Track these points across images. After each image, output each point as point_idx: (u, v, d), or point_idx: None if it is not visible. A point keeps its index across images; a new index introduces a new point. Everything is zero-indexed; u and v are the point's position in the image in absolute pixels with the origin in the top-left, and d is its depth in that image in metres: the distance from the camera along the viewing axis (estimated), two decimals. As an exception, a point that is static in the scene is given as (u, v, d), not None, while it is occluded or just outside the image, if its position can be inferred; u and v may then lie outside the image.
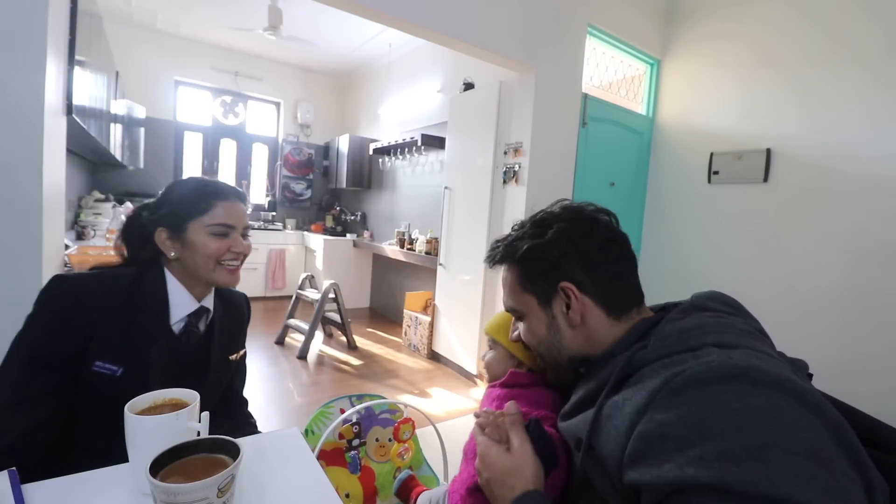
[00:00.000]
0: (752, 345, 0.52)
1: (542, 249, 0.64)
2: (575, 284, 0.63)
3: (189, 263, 0.85)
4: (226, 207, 0.87)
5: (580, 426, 0.58)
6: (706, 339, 0.53)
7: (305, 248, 4.97)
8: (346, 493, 0.96)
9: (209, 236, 0.84)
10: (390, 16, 1.93)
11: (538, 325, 0.67)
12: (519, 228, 0.71)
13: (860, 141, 2.19)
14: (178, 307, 0.85)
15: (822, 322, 2.29)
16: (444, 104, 3.60)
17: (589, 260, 0.63)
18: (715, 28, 2.82)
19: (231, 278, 0.88)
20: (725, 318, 0.58)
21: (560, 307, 0.64)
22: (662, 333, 0.56)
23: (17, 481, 0.56)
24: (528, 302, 0.67)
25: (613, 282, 0.64)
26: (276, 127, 5.32)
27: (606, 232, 0.65)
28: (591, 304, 0.63)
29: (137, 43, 4.26)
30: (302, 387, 2.68)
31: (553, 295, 0.64)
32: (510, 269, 0.69)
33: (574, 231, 0.64)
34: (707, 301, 0.62)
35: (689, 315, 0.59)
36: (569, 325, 0.64)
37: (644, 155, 3.16)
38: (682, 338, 0.54)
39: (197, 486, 0.46)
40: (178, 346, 0.84)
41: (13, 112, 1.18)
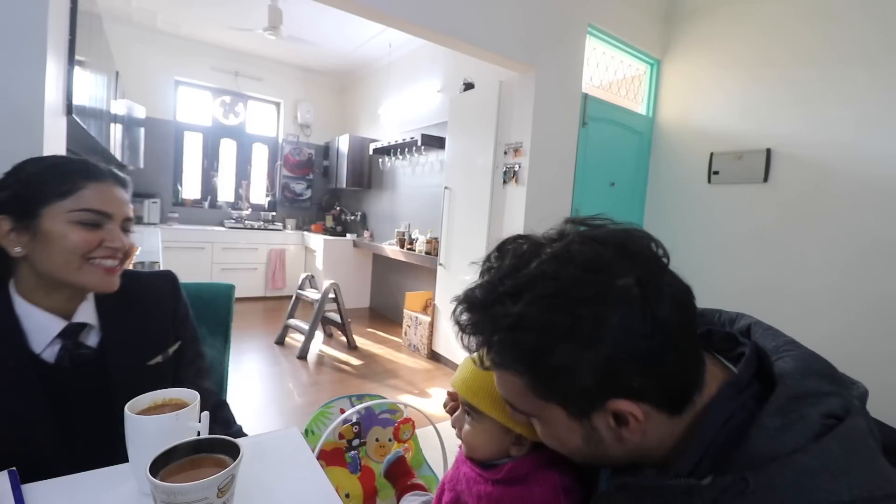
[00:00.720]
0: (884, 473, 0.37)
1: (574, 363, 0.40)
2: (634, 399, 0.42)
3: (42, 263, 0.65)
4: (98, 191, 0.68)
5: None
6: (841, 493, 0.36)
7: (305, 248, 4.97)
8: (346, 493, 0.96)
9: (71, 225, 0.65)
10: (390, 16, 1.93)
11: (568, 436, 0.47)
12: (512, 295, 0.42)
13: (860, 141, 2.19)
14: (37, 333, 0.67)
15: (822, 322, 2.29)
16: (444, 104, 3.60)
17: (653, 360, 0.41)
18: (715, 28, 2.82)
19: (106, 280, 0.69)
20: (840, 420, 0.40)
21: (606, 421, 0.44)
22: (767, 470, 0.37)
23: (17, 481, 0.56)
24: (551, 410, 0.45)
25: (684, 370, 0.44)
26: (276, 127, 5.32)
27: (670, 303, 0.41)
28: (654, 411, 0.43)
29: (137, 43, 4.26)
30: (302, 387, 2.68)
31: (595, 410, 0.43)
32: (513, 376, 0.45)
33: (626, 322, 0.40)
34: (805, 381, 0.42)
35: (793, 421, 0.39)
36: (618, 441, 0.45)
37: (644, 155, 3.16)
38: (803, 485, 0.36)
39: (197, 486, 0.46)
40: (60, 375, 0.67)
41: (13, 112, 1.18)
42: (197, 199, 4.88)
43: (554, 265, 0.42)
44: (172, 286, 0.85)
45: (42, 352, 0.67)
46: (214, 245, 4.42)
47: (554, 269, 0.42)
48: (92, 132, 2.07)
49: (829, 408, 0.40)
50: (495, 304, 0.43)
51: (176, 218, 4.50)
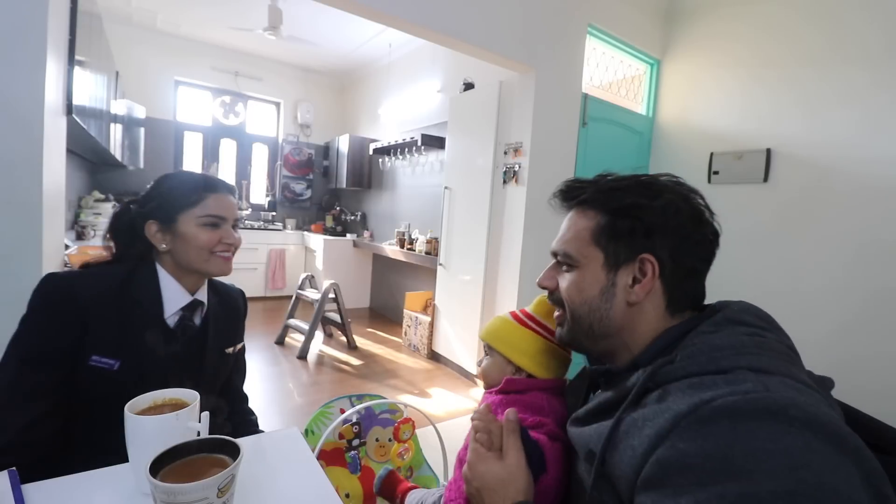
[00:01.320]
0: (789, 371, 0.48)
1: (645, 210, 0.57)
2: (658, 262, 0.57)
3: (181, 255, 0.85)
4: (217, 199, 0.87)
5: (593, 438, 0.55)
6: (740, 360, 0.48)
7: (305, 248, 4.97)
8: (346, 493, 0.96)
9: (200, 227, 0.85)
10: (390, 16, 1.93)
11: (591, 284, 0.60)
12: (614, 179, 0.63)
13: (860, 141, 2.19)
14: (171, 301, 0.85)
15: (822, 322, 2.29)
16: (444, 104, 3.60)
17: (683, 247, 0.58)
18: (715, 28, 2.82)
19: (225, 266, 0.90)
20: (761, 337, 0.53)
21: (627, 278, 0.58)
22: (692, 348, 0.52)
23: (17, 481, 0.56)
24: (593, 257, 0.60)
25: (689, 278, 0.59)
26: (276, 127, 5.32)
27: (711, 228, 0.60)
28: (660, 290, 0.58)
29: (137, 43, 4.26)
30: (302, 387, 2.68)
31: (627, 262, 0.58)
32: (590, 216, 0.61)
33: (685, 210, 0.58)
34: (741, 314, 0.56)
35: (722, 329, 0.53)
36: (626, 299, 0.59)
37: (644, 155, 3.16)
38: (713, 356, 0.50)
39: (197, 486, 0.46)
40: (174, 339, 0.85)
41: (13, 112, 1.18)
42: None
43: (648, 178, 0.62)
44: (244, 298, 1.06)
45: (168, 317, 0.85)
46: (214, 245, 4.41)
47: (648, 180, 0.62)
48: (92, 132, 2.07)
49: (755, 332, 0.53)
50: (598, 181, 0.63)
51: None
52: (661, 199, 0.58)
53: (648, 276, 0.57)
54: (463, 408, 2.54)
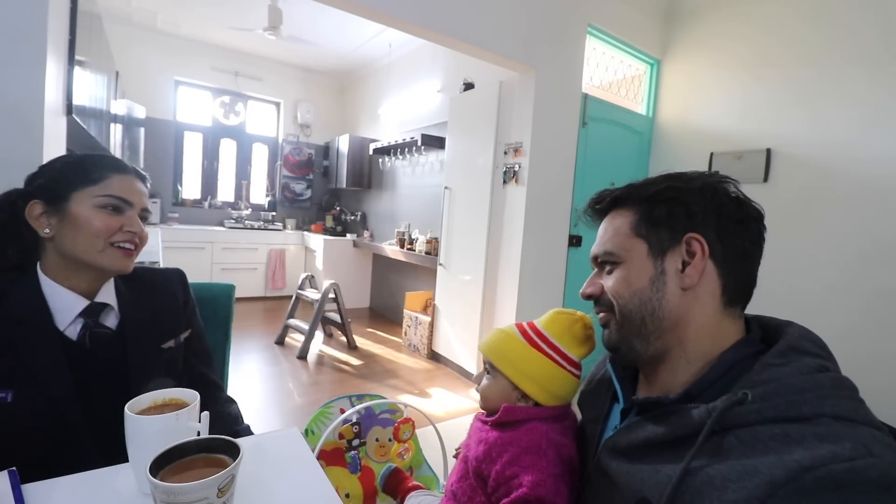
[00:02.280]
0: (868, 417, 0.44)
1: (681, 192, 0.55)
2: (706, 239, 0.53)
3: (68, 244, 0.71)
4: (123, 181, 0.75)
5: (648, 484, 0.49)
6: (824, 406, 0.43)
7: (305, 248, 4.97)
8: (346, 493, 0.96)
9: (97, 209, 0.72)
10: (390, 16, 1.93)
11: (639, 275, 0.56)
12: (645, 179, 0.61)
13: (860, 141, 2.19)
14: (62, 311, 0.72)
15: (822, 322, 2.28)
16: (444, 104, 3.60)
17: (728, 226, 0.54)
18: (715, 28, 2.82)
19: (124, 262, 0.75)
20: (830, 371, 0.48)
21: (675, 262, 0.54)
22: (765, 388, 0.45)
23: (17, 481, 0.56)
24: (636, 248, 0.57)
25: (742, 261, 0.54)
26: (276, 127, 5.32)
27: (753, 209, 0.56)
28: (714, 272, 0.54)
29: (137, 43, 4.26)
30: (302, 387, 2.68)
31: (673, 246, 0.55)
32: (624, 214, 0.59)
33: (722, 191, 0.55)
34: (802, 342, 0.51)
35: (790, 361, 0.48)
36: (679, 285, 0.54)
37: (644, 155, 3.16)
38: (792, 400, 0.44)
39: (197, 486, 0.46)
40: (80, 352, 0.73)
41: (13, 112, 1.18)
42: (197, 199, 4.88)
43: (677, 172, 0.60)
44: (181, 280, 0.92)
45: (65, 329, 0.73)
46: (214, 245, 4.42)
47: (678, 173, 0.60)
48: (92, 132, 2.07)
49: (822, 364, 0.48)
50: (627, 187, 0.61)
51: (176, 218, 4.51)
52: (697, 182, 0.56)
53: (698, 256, 0.53)
54: (463, 408, 2.54)
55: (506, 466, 0.63)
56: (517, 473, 0.62)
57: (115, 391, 0.69)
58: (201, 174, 4.94)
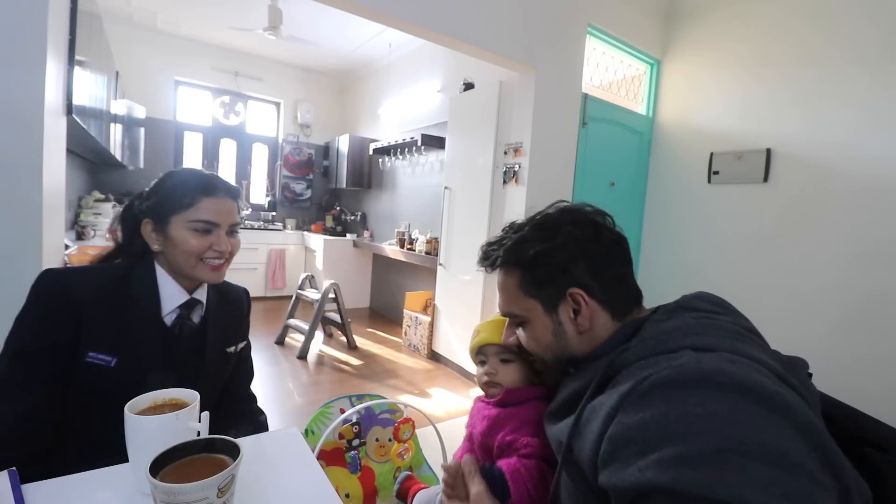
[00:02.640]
0: (733, 346, 0.51)
1: (550, 254, 0.63)
2: (584, 290, 0.62)
3: (171, 258, 0.84)
4: (212, 203, 0.84)
5: (562, 431, 0.59)
6: (685, 341, 0.52)
7: (305, 248, 4.97)
8: (346, 493, 0.96)
9: (190, 232, 0.82)
10: (390, 16, 1.93)
11: (543, 332, 0.66)
12: (515, 231, 0.69)
13: (860, 141, 2.19)
14: (168, 299, 0.84)
15: (822, 322, 2.29)
16: (444, 104, 3.60)
17: (597, 264, 0.63)
18: (715, 28, 2.82)
19: (213, 275, 0.86)
20: (711, 319, 0.57)
21: (567, 312, 0.63)
22: (644, 335, 0.57)
23: (17, 481, 0.56)
24: (532, 308, 0.65)
25: (619, 285, 0.64)
26: (276, 127, 5.32)
27: (611, 234, 0.65)
28: (599, 308, 0.63)
29: (137, 43, 4.25)
30: (302, 387, 2.68)
31: (560, 300, 0.63)
32: (511, 274, 0.67)
33: (581, 235, 0.63)
34: (694, 301, 0.61)
35: (674, 316, 0.58)
36: (576, 330, 0.64)
37: (644, 155, 3.16)
38: (661, 339, 0.54)
39: (197, 486, 0.46)
40: (172, 337, 0.84)
41: (13, 112, 1.18)
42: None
43: (541, 217, 0.69)
44: (248, 298, 1.05)
45: (165, 315, 0.84)
46: (214, 245, 4.42)
47: (541, 219, 0.68)
48: (92, 132, 2.07)
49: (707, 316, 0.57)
50: (503, 239, 0.69)
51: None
52: (559, 236, 0.63)
53: (583, 306, 0.62)
54: (463, 408, 2.54)
55: (507, 434, 0.71)
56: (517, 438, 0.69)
57: (185, 379, 0.75)
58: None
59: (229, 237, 0.87)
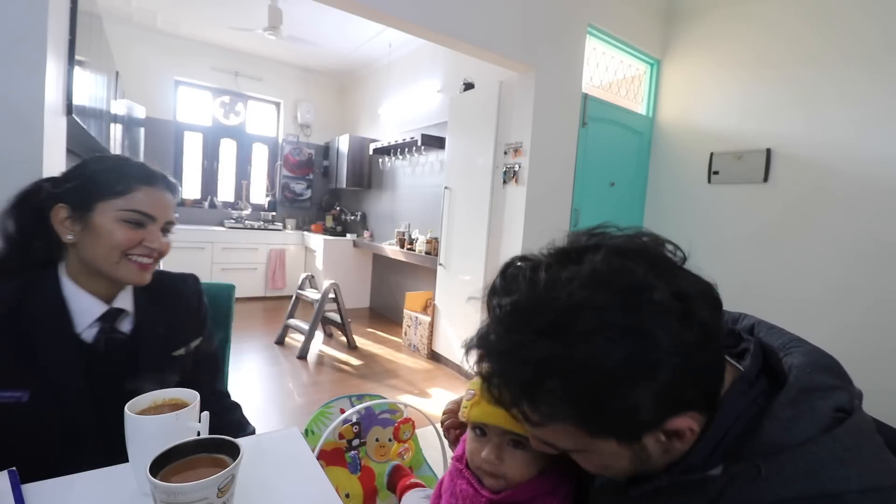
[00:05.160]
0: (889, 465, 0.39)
1: (636, 401, 0.38)
2: (687, 410, 0.41)
3: (86, 251, 0.72)
4: (149, 194, 0.74)
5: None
6: (850, 478, 0.37)
7: (305, 248, 4.97)
8: (346, 493, 0.96)
9: (118, 223, 0.71)
10: (390, 16, 1.93)
11: (616, 461, 0.45)
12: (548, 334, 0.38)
13: (860, 141, 2.19)
14: (81, 314, 0.73)
15: (822, 322, 2.29)
16: (444, 104, 3.60)
17: (700, 369, 0.41)
18: (715, 28, 2.82)
19: (138, 275, 0.75)
20: (848, 413, 0.41)
21: (657, 438, 0.42)
22: (778, 458, 0.38)
23: (17, 481, 0.56)
24: (601, 444, 0.43)
25: (718, 368, 0.44)
26: (276, 127, 5.32)
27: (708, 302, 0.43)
28: (698, 415, 0.43)
29: (137, 43, 4.25)
30: (302, 387, 2.68)
31: (649, 431, 0.42)
32: (560, 426, 0.42)
33: (676, 339, 0.38)
34: (815, 377, 0.42)
35: (801, 413, 0.40)
36: (665, 453, 0.44)
37: (644, 155, 3.16)
38: (814, 473, 0.37)
39: (197, 486, 0.46)
40: (94, 355, 0.73)
41: (13, 112, 1.18)
42: (197, 199, 4.88)
43: (586, 292, 0.38)
44: (196, 286, 0.91)
45: (82, 332, 0.73)
46: (214, 245, 4.42)
47: (589, 297, 0.38)
48: (92, 132, 2.07)
49: (838, 401, 0.41)
50: (525, 348, 0.39)
51: (176, 218, 4.48)
52: (638, 348, 0.37)
53: (688, 434, 0.42)
54: (463, 408, 2.54)
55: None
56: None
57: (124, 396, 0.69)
58: (201, 174, 4.94)
59: (163, 236, 0.77)
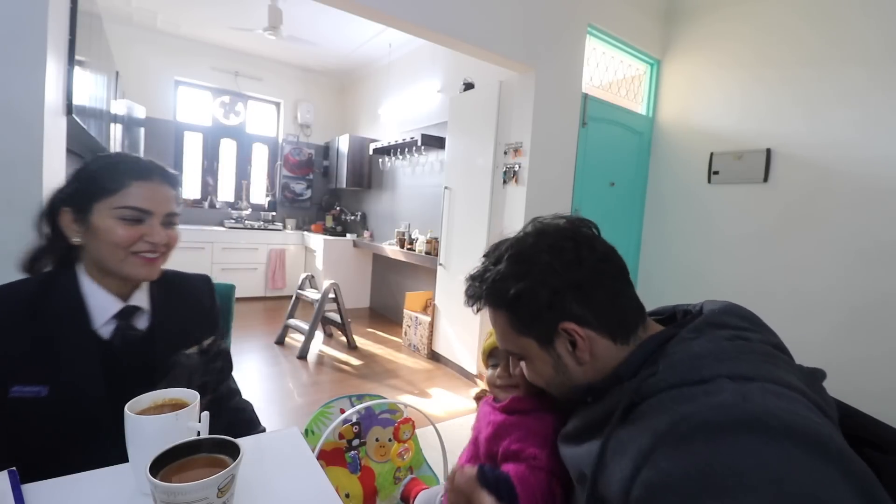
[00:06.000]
0: (771, 374, 0.47)
1: (531, 292, 0.57)
2: (576, 321, 0.57)
3: (94, 252, 0.73)
4: (144, 188, 0.74)
5: (584, 458, 0.55)
6: (720, 368, 0.47)
7: (305, 248, 4.97)
8: (346, 493, 0.96)
9: (116, 221, 0.72)
10: (390, 16, 1.93)
11: (543, 367, 0.62)
12: (493, 262, 0.63)
13: (860, 141, 2.19)
14: (98, 310, 0.74)
15: (822, 322, 2.29)
16: (444, 104, 3.60)
17: (584, 290, 0.57)
18: (715, 28, 2.82)
19: (146, 270, 0.76)
20: (743, 339, 0.52)
21: (564, 346, 0.59)
22: (672, 358, 0.51)
23: (17, 481, 0.56)
24: (528, 345, 0.61)
25: (615, 305, 0.58)
26: (276, 127, 5.32)
27: (593, 253, 0.59)
28: (597, 336, 0.58)
29: (137, 43, 4.25)
30: (302, 387, 2.68)
31: (554, 335, 0.59)
32: (499, 314, 0.62)
33: (560, 262, 0.57)
34: (722, 316, 0.55)
35: (703, 334, 0.53)
36: (577, 362, 0.59)
37: (644, 155, 3.16)
38: (693, 365, 0.49)
39: (197, 486, 0.46)
40: (112, 351, 0.75)
41: (13, 112, 1.18)
42: (197, 199, 4.88)
43: (516, 247, 0.62)
44: (208, 286, 0.94)
45: (99, 328, 0.75)
46: (214, 245, 4.42)
47: (517, 249, 0.61)
48: (92, 132, 2.07)
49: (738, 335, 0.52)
50: (484, 272, 0.63)
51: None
52: (536, 270, 0.57)
53: (578, 338, 0.57)
54: (463, 408, 2.54)
55: (513, 442, 0.69)
56: (524, 448, 0.67)
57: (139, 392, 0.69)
58: (201, 174, 4.94)
59: (165, 228, 0.78)
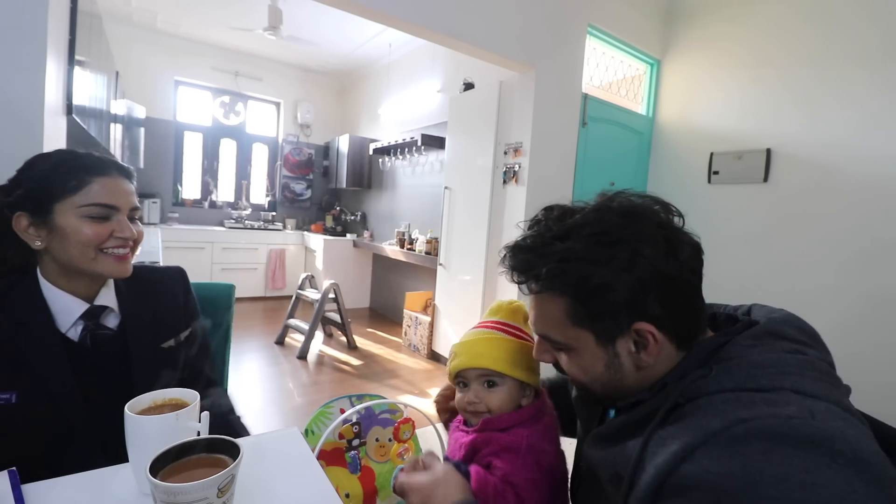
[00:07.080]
0: (833, 396, 0.43)
1: (612, 284, 0.49)
2: (654, 324, 0.50)
3: (61, 254, 0.71)
4: (105, 185, 0.72)
5: (620, 460, 0.51)
6: (784, 381, 0.44)
7: (305, 248, 4.97)
8: (346, 493, 0.96)
9: (83, 219, 0.70)
10: (390, 16, 1.93)
11: (593, 363, 0.54)
12: (561, 236, 0.53)
13: (860, 141, 2.19)
14: (63, 314, 0.72)
15: (822, 322, 2.26)
16: (444, 104, 3.60)
17: (672, 290, 0.50)
18: (715, 28, 2.82)
19: (119, 267, 0.74)
20: (804, 354, 0.48)
21: (627, 346, 0.52)
22: (729, 363, 0.47)
23: (17, 481, 0.56)
24: (582, 338, 0.54)
25: (694, 309, 0.53)
26: (276, 127, 5.32)
27: (688, 247, 0.53)
28: (666, 341, 0.51)
29: (137, 43, 4.25)
30: (302, 387, 2.68)
31: (620, 334, 0.52)
32: (556, 298, 0.53)
33: (653, 254, 0.50)
34: (783, 326, 0.51)
35: (763, 343, 0.49)
36: (635, 365, 0.53)
37: (644, 155, 3.16)
38: (752, 374, 0.45)
39: (197, 486, 0.46)
40: (82, 352, 0.73)
41: (13, 112, 1.18)
42: (197, 199, 4.88)
43: (597, 214, 0.53)
44: (182, 279, 0.91)
45: (67, 331, 0.73)
46: (214, 245, 4.42)
47: (599, 227, 0.51)
48: (92, 132, 2.07)
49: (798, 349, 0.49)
50: (545, 246, 0.53)
51: (176, 218, 4.50)
52: (623, 258, 0.49)
53: (651, 343, 0.51)
54: (463, 408, 2.54)
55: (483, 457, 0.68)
56: (492, 462, 0.66)
57: (117, 391, 0.69)
58: (201, 174, 4.94)
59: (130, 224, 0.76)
